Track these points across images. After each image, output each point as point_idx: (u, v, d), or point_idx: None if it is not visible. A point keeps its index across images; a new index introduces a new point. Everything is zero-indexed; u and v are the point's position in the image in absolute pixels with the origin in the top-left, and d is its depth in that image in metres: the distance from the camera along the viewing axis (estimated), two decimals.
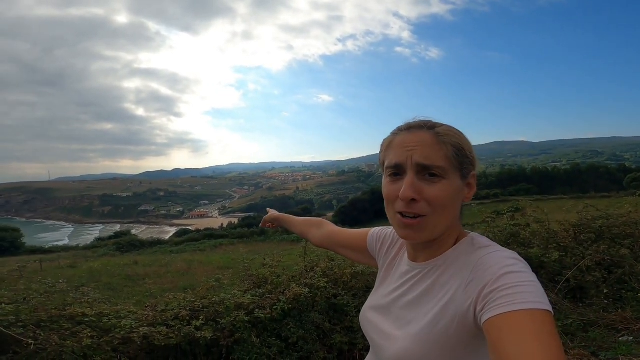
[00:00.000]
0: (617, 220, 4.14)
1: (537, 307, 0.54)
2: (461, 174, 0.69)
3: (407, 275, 0.76)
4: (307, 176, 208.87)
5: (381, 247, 0.90)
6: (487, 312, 0.56)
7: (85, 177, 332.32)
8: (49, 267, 13.18)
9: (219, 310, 2.45)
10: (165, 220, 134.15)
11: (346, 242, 1.03)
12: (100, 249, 24.66)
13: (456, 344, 0.63)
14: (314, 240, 1.13)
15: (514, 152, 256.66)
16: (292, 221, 1.25)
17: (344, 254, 1.05)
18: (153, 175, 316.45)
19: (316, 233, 1.13)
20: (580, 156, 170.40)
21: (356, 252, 1.00)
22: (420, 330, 0.66)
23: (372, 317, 0.80)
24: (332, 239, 1.07)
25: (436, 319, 0.65)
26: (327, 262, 3.42)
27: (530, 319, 0.52)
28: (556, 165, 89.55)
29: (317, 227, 1.14)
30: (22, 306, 1.98)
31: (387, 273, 0.84)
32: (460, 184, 0.69)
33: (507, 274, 0.58)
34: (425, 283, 0.71)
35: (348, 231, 1.05)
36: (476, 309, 0.59)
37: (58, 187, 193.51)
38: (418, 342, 0.66)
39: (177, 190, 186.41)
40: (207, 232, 30.72)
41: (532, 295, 0.55)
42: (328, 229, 1.10)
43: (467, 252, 0.67)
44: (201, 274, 9.46)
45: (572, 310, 3.16)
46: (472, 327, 0.61)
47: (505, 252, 0.64)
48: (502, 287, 0.56)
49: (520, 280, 0.57)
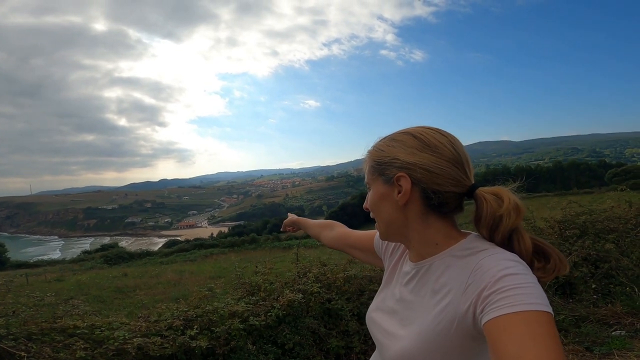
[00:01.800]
0: (600, 215, 4.24)
1: (536, 308, 0.54)
2: (384, 179, 0.75)
3: (408, 275, 0.77)
4: (296, 182, 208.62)
5: (386, 248, 0.92)
6: (487, 314, 0.56)
7: (68, 190, 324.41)
8: (35, 281, 12.83)
9: (212, 319, 2.43)
10: (154, 232, 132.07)
11: (355, 242, 1.06)
12: (87, 262, 24.10)
13: (457, 345, 0.64)
14: (326, 241, 1.18)
15: (497, 151, 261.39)
16: (308, 224, 1.31)
17: (354, 254, 1.09)
18: (139, 186, 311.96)
19: (328, 234, 1.17)
20: (562, 154, 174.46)
21: (364, 252, 1.03)
22: (423, 330, 0.67)
23: (376, 317, 0.82)
24: (342, 240, 1.11)
25: (436, 320, 0.66)
26: (319, 267, 3.43)
27: (530, 320, 0.53)
28: (539, 164, 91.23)
29: (330, 228, 1.19)
30: (11, 319, 1.93)
31: (392, 274, 0.86)
32: (385, 188, 0.74)
33: (506, 276, 0.58)
34: (426, 284, 0.72)
35: (357, 232, 1.08)
36: (475, 311, 0.59)
37: (40, 201, 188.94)
38: (420, 341, 0.67)
39: (164, 201, 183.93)
40: (197, 242, 30.31)
41: (532, 297, 0.55)
42: (339, 231, 1.15)
43: (466, 254, 0.68)
44: (193, 283, 9.33)
45: (563, 306, 3.20)
46: (471, 329, 0.62)
47: (504, 254, 0.64)
48: (501, 289, 0.57)
49: (520, 282, 0.57)
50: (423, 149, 0.71)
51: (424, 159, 0.70)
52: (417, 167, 0.70)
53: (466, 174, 0.71)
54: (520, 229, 0.67)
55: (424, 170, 0.69)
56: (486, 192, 0.69)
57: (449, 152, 0.70)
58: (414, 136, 0.73)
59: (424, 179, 0.69)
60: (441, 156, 0.70)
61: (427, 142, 0.71)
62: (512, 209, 0.66)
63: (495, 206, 0.67)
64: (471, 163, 0.74)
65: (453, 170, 0.70)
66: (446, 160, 0.70)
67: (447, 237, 0.72)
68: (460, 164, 0.70)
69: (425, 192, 0.70)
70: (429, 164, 0.69)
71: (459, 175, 0.70)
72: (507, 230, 0.66)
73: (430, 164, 0.69)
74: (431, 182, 0.69)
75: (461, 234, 0.73)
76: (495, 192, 0.68)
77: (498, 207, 0.66)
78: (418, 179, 0.70)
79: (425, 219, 0.72)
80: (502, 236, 0.67)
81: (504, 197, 0.67)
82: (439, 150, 0.70)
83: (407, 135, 0.74)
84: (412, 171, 0.70)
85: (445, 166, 0.69)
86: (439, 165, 0.69)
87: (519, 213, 0.66)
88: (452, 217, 0.74)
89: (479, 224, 0.70)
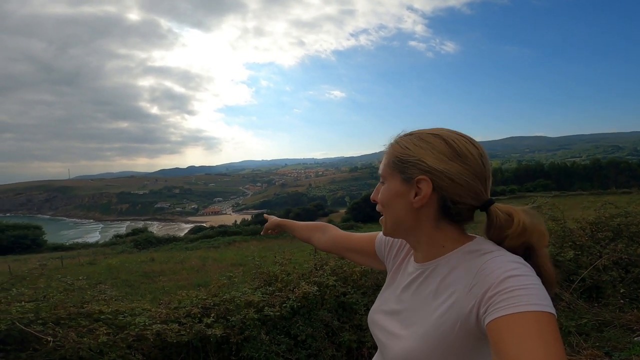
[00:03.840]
0: (636, 217, 4.03)
1: (539, 309, 0.54)
2: (403, 177, 0.72)
3: (412, 275, 0.77)
4: (320, 173, 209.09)
5: (390, 250, 0.91)
6: (490, 314, 0.57)
7: (103, 175, 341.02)
8: (69, 264, 13.61)
9: (229, 307, 2.50)
10: (181, 217, 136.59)
11: (353, 245, 1.04)
12: (118, 246, 25.32)
13: (459, 346, 0.64)
14: (319, 245, 1.15)
15: (531, 147, 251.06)
16: (294, 226, 1.25)
17: (351, 257, 1.07)
18: (168, 172, 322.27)
19: (321, 237, 1.14)
20: (601, 151, 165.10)
21: (364, 255, 1.00)
22: (425, 331, 0.68)
23: (378, 318, 0.82)
24: (337, 243, 1.08)
25: (439, 320, 0.66)
26: (336, 260, 3.44)
27: (533, 320, 0.53)
28: (575, 161, 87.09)
29: (322, 231, 1.15)
30: (42, 304, 2.06)
31: (395, 275, 0.85)
32: (401, 187, 0.72)
33: (510, 277, 0.58)
34: (430, 285, 0.72)
35: (354, 235, 1.06)
36: (479, 312, 0.60)
37: (78, 185, 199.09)
38: (422, 342, 0.67)
39: (191, 187, 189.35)
40: (220, 229, 31.08)
41: (535, 298, 0.55)
42: (333, 233, 1.11)
43: (471, 256, 0.68)
44: (215, 270, 9.62)
45: (587, 310, 3.13)
46: (474, 330, 0.62)
47: (508, 256, 0.64)
48: (504, 290, 0.57)
49: (523, 283, 0.57)
50: (453, 158, 0.69)
51: (452, 168, 0.68)
52: (444, 175, 0.68)
53: (486, 189, 0.71)
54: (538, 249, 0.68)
55: (449, 179, 0.68)
56: (500, 210, 0.69)
57: (478, 165, 0.69)
58: (445, 141, 0.70)
59: (447, 187, 0.68)
60: (469, 168, 0.68)
61: (458, 151, 0.69)
62: (519, 231, 0.66)
63: (505, 225, 0.68)
64: (491, 177, 0.73)
65: (476, 184, 0.69)
66: (472, 173, 0.69)
67: (454, 240, 0.72)
68: (483, 179, 0.70)
69: (444, 200, 0.69)
70: (455, 174, 0.68)
71: (479, 189, 0.69)
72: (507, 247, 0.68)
73: (457, 174, 0.68)
74: (453, 193, 0.69)
75: (468, 237, 0.73)
76: (508, 211, 0.68)
77: (507, 227, 0.67)
78: (440, 187, 0.69)
79: (436, 224, 0.72)
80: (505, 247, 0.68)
81: (514, 218, 0.67)
82: (468, 161, 0.69)
83: (438, 138, 0.71)
84: (436, 177, 0.69)
85: (470, 179, 0.68)
86: (465, 177, 0.68)
87: (524, 234, 0.67)
88: (462, 224, 0.73)
89: (487, 234, 0.71)
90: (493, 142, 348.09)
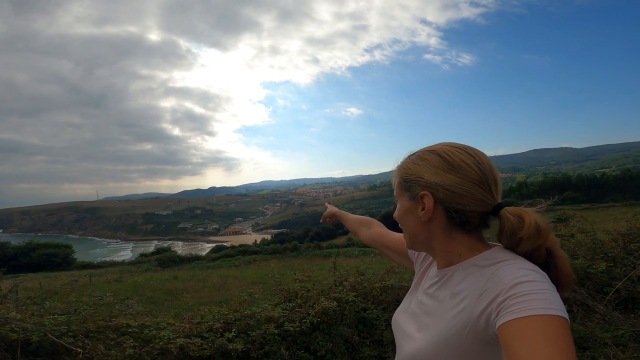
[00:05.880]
0: None
1: (551, 312, 0.55)
2: (409, 195, 0.78)
3: (432, 280, 0.81)
4: (339, 191, 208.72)
5: (418, 254, 0.95)
6: (501, 318, 0.58)
7: (129, 196, 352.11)
8: (97, 282, 13.94)
9: (250, 323, 2.53)
10: (203, 237, 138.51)
11: (391, 244, 1.10)
12: (143, 264, 25.82)
13: (468, 349, 0.66)
14: (363, 239, 1.23)
15: (557, 159, 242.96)
16: (346, 218, 1.35)
17: (388, 254, 1.12)
18: (190, 194, 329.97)
19: (365, 232, 1.22)
20: (631, 161, 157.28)
21: (399, 255, 1.06)
22: (436, 334, 0.70)
23: (399, 318, 0.86)
24: (378, 240, 1.15)
25: (450, 324, 0.68)
26: (356, 276, 3.43)
27: (543, 324, 0.54)
28: (605, 172, 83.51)
29: (367, 226, 1.23)
30: (73, 317, 2.16)
31: (420, 279, 0.89)
32: (410, 204, 0.78)
33: (521, 283, 0.60)
34: (445, 290, 0.75)
35: (394, 234, 1.11)
36: (490, 317, 0.61)
37: (106, 206, 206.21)
38: (432, 344, 0.70)
39: (213, 208, 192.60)
40: (241, 249, 31.28)
41: (546, 302, 0.56)
42: (377, 230, 1.19)
43: (485, 264, 0.69)
44: (235, 288, 9.66)
45: (624, 321, 3.04)
46: (484, 335, 0.63)
47: (522, 263, 0.65)
48: (515, 295, 0.58)
49: (534, 288, 0.58)
50: (447, 170, 0.73)
51: (447, 180, 0.72)
52: (440, 187, 0.72)
53: (492, 194, 0.72)
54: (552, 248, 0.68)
55: (447, 190, 0.72)
56: (510, 213, 0.69)
57: (474, 173, 0.71)
58: (439, 155, 0.75)
59: (447, 198, 0.72)
60: (465, 177, 0.71)
61: (451, 162, 0.73)
62: (533, 233, 0.66)
63: (516, 228, 0.67)
64: (500, 182, 0.74)
65: (477, 191, 0.71)
66: (470, 181, 0.71)
67: (470, 249, 0.74)
68: (485, 185, 0.71)
69: (448, 210, 0.72)
70: (452, 184, 0.71)
71: (483, 195, 0.71)
72: (524, 251, 0.68)
73: (453, 184, 0.71)
74: (454, 202, 0.71)
75: (486, 245, 0.74)
76: (519, 213, 0.69)
77: (519, 230, 0.67)
78: (441, 199, 0.72)
79: (448, 234, 0.75)
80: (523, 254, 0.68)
81: (525, 219, 0.67)
82: (463, 170, 0.72)
83: (433, 154, 0.76)
84: (435, 190, 0.73)
85: (469, 187, 0.71)
86: (462, 186, 0.71)
87: (539, 235, 0.67)
88: (478, 232, 0.75)
89: (500, 241, 0.72)
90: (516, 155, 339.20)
